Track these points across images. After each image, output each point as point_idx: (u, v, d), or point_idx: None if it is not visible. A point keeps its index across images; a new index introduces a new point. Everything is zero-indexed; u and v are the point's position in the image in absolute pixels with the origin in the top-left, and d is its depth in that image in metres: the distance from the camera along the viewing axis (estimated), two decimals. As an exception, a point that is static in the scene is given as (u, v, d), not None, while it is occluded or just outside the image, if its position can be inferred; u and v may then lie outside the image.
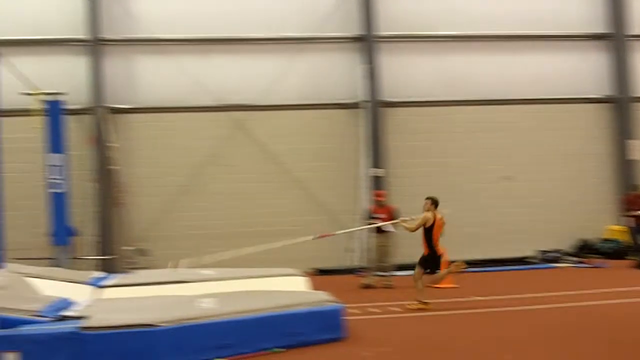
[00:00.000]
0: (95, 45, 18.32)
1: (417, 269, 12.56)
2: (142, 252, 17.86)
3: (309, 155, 18.91)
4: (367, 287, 15.31)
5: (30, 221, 16.45)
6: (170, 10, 18.87)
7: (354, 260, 18.20)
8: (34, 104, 14.92)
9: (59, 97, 15.84)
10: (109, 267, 16.69)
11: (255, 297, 10.30)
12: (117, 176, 18.26)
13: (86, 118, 18.28)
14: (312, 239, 12.99)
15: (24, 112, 15.00)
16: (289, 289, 11.68)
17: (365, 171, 19.00)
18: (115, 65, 18.70)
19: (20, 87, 14.07)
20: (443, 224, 12.61)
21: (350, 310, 10.54)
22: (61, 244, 15.86)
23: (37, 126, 15.03)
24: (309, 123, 19.11)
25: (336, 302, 10.09)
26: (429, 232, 12.47)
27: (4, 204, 9.32)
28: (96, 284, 12.53)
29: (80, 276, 13.13)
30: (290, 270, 13.43)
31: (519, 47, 20.11)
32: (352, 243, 18.45)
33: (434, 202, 12.68)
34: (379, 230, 15.58)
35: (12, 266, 11.23)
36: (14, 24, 17.43)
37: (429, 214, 12.51)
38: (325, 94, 19.23)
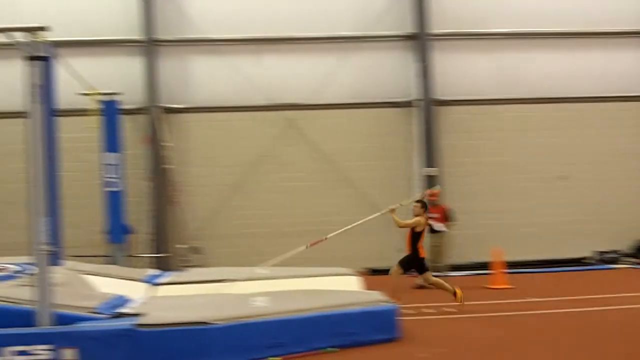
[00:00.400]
0: (149, 45, 18.49)
1: (397, 268, 12.55)
2: (195, 250, 18.01)
3: (361, 154, 18.82)
4: (421, 287, 15.16)
5: (87, 219, 16.65)
6: (223, 10, 18.94)
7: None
8: (90, 104, 15.11)
9: (115, 97, 16.01)
10: (163, 264, 16.84)
11: (309, 296, 10.29)
12: (172, 175, 18.44)
13: (141, 118, 18.48)
14: (306, 248, 12.72)
15: (81, 112, 15.21)
16: (342, 288, 11.65)
17: (418, 170, 18.85)
18: (169, 65, 18.86)
19: (77, 88, 14.24)
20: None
21: (403, 311, 10.46)
22: (117, 242, 16.05)
23: (93, 126, 15.23)
24: (361, 122, 19.03)
25: (390, 302, 10.03)
26: (418, 235, 12.32)
27: (62, 203, 9.44)
28: (151, 281, 12.67)
29: (136, 274, 13.29)
30: (343, 270, 13.41)
31: (574, 44, 19.72)
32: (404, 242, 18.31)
33: (424, 206, 12.51)
34: (433, 230, 15.44)
35: (69, 263, 11.40)
36: (70, 25, 17.64)
37: (422, 220, 12.33)
38: (377, 92, 19.12)
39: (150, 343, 8.41)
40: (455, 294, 12.21)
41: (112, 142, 15.90)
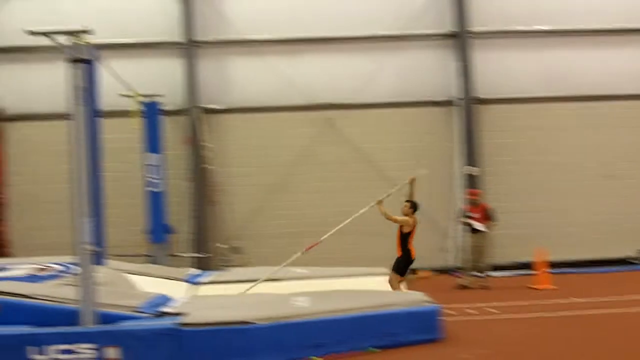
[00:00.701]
0: (189, 47, 18.61)
1: (393, 275, 12.05)
2: (235, 250, 18.09)
3: (400, 154, 18.69)
4: (463, 287, 15.07)
5: (129, 219, 16.82)
6: (261, 11, 18.98)
7: (449, 260, 17.94)
8: (132, 105, 15.27)
9: (156, 99, 16.17)
10: (204, 264, 16.95)
11: (351, 296, 10.27)
12: (212, 175, 18.55)
13: (181, 119, 18.61)
14: (301, 254, 12.58)
15: (123, 114, 15.37)
16: (383, 288, 11.60)
17: (459, 170, 18.70)
18: (208, 66, 18.96)
19: (118, 89, 14.40)
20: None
21: (446, 311, 10.37)
22: (158, 242, 16.21)
23: (135, 127, 15.39)
24: (401, 121, 18.92)
25: (432, 303, 9.96)
26: (406, 236, 12.04)
27: (105, 203, 9.54)
28: (192, 281, 12.76)
29: (177, 273, 13.40)
30: (385, 270, 13.35)
31: (619, 41, 19.37)
32: (446, 242, 18.22)
33: (413, 206, 12.22)
34: (474, 229, 15.31)
35: (112, 263, 11.53)
36: (112, 28, 17.80)
37: (410, 220, 12.03)
38: (417, 92, 18.99)
39: (192, 342, 8.45)
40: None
41: (153, 143, 16.06)
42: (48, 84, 18.43)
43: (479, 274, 15.23)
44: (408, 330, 9.37)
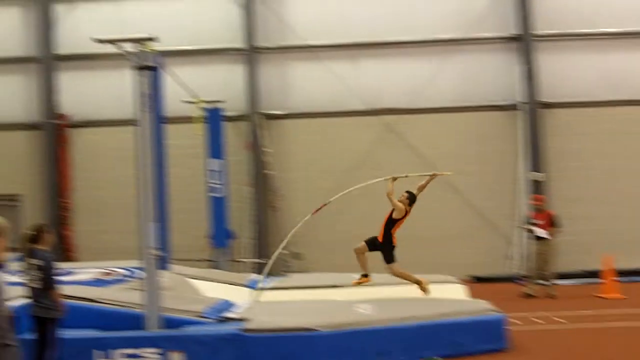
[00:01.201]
0: (250, 53, 18.72)
1: (362, 245, 12.01)
2: (296, 256, 18.09)
3: (463, 159, 18.44)
4: (528, 296, 14.75)
5: (191, 224, 16.95)
6: (322, 17, 18.99)
7: (513, 268, 17.62)
8: (195, 111, 15.40)
9: (218, 105, 16.29)
10: (264, 269, 16.97)
11: (415, 304, 10.15)
12: (272, 181, 18.60)
13: (243, 124, 18.72)
14: (310, 216, 13.06)
15: (186, 120, 15.51)
16: (447, 296, 11.44)
17: (523, 175, 18.36)
18: (269, 72, 19.06)
19: (182, 96, 14.53)
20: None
21: (511, 320, 10.16)
22: (220, 247, 16.30)
23: (198, 133, 15.51)
24: (463, 126, 18.69)
25: (498, 312, 9.77)
26: (392, 222, 11.77)
27: (169, 208, 9.62)
28: (254, 286, 12.77)
29: (239, 278, 13.45)
30: (448, 277, 13.21)
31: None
32: (510, 250, 17.92)
33: (411, 198, 11.88)
34: (538, 237, 15.01)
35: (175, 267, 11.63)
36: (175, 35, 18.00)
37: (402, 206, 11.71)
38: (480, 96, 18.75)
39: (256, 348, 8.45)
40: (420, 284, 11.61)
41: (215, 149, 16.18)
42: (112, 91, 18.79)
43: (544, 282, 14.88)
44: (473, 339, 9.21)
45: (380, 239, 11.86)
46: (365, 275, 11.76)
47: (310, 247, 18.27)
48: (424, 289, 11.47)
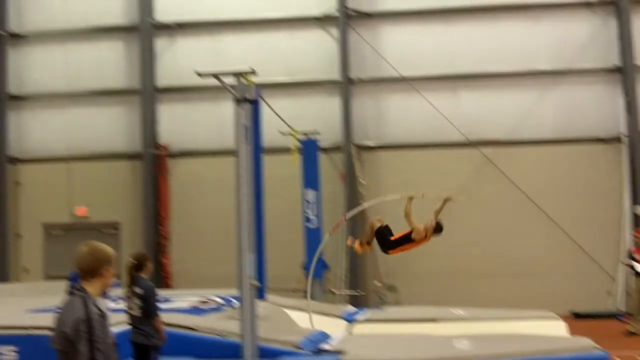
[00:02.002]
0: (345, 85, 18.79)
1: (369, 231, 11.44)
2: (390, 288, 17.91)
3: (563, 192, 17.97)
4: (631, 334, 14.16)
5: (286, 254, 17.02)
6: (417, 48, 18.92)
7: (615, 305, 16.97)
8: (291, 142, 15.53)
9: (314, 136, 16.39)
10: (359, 301, 16.89)
11: (514, 341, 9.85)
12: (367, 212, 18.51)
13: (337, 155, 18.78)
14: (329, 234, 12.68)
15: (282, 150, 15.66)
16: (545, 332, 11.08)
17: (628, 209, 17.70)
18: (365, 103, 19.10)
19: (278, 127, 14.67)
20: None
21: (615, 359, 9.73)
22: (315, 277, 16.27)
23: (293, 164, 15.62)
24: (564, 159, 18.18)
25: (601, 350, 9.37)
26: (407, 240, 11.25)
27: (265, 238, 9.69)
28: (349, 318, 12.69)
29: (334, 310, 13.39)
30: (546, 313, 12.80)
31: None
32: (612, 285, 17.28)
33: (438, 228, 11.27)
34: (638, 273, 14.41)
35: (270, 297, 11.66)
36: (272, 67, 18.32)
37: (423, 233, 11.13)
38: (581, 128, 18.24)
39: (351, 382, 8.35)
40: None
41: (311, 180, 16.24)
42: (210, 122, 19.23)
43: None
44: (576, 378, 8.86)
45: (391, 240, 11.41)
46: None
47: (403, 280, 18.08)
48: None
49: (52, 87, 20.04)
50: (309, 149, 16.23)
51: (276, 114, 12.49)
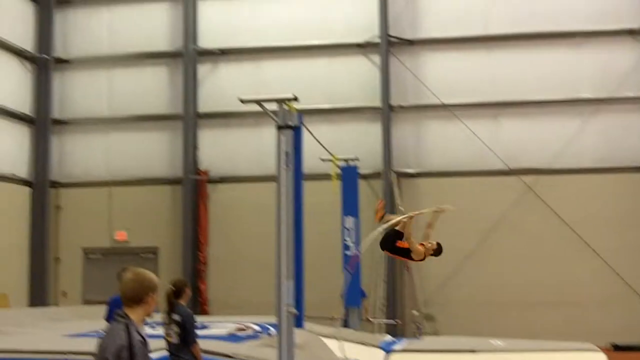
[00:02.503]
0: (386, 111, 18.74)
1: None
2: (428, 318, 17.71)
3: (606, 222, 17.68)
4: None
5: (324, 281, 16.88)
6: (458, 76, 18.85)
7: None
8: (331, 169, 15.50)
9: (354, 163, 16.35)
10: (396, 331, 16.71)
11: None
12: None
13: (376, 182, 18.70)
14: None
15: (322, 177, 15.64)
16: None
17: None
18: (404, 130, 19.04)
19: (319, 153, 14.67)
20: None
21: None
22: (353, 305, 16.16)
23: (334, 190, 15.57)
24: (606, 188, 17.93)
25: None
26: (406, 254, 10.89)
27: (304, 264, 9.62)
28: (386, 348, 12.57)
29: (371, 339, 13.27)
30: (587, 345, 12.56)
31: None
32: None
33: (438, 250, 10.94)
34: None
35: (307, 325, 11.59)
36: (313, 93, 18.35)
37: (422, 254, 10.82)
38: (623, 157, 17.98)
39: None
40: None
41: (350, 206, 16.17)
42: (250, 147, 19.29)
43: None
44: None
45: (394, 244, 11.07)
46: None
47: (441, 309, 17.89)
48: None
49: (95, 111, 20.31)
50: (349, 175, 16.19)
51: (317, 140, 12.48)
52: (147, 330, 5.65)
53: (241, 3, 19.96)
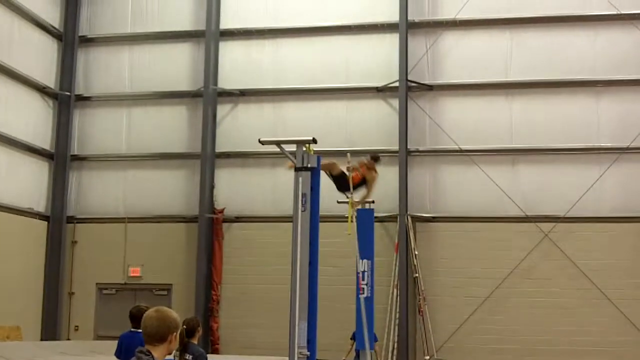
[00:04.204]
0: (403, 155, 18.72)
1: None
2: (444, 363, 17.55)
3: (625, 272, 17.51)
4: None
5: (335, 323, 16.80)
6: (476, 121, 18.88)
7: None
8: (348, 211, 15.47)
9: (370, 205, 16.30)
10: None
11: None
12: (419, 284, 18.26)
13: (392, 225, 18.63)
14: None
15: (337, 219, 15.61)
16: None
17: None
18: (422, 174, 19.02)
19: (335, 195, 14.66)
20: None
21: None
22: (363, 348, 15.98)
23: (348, 232, 15.52)
24: (625, 237, 17.77)
25: None
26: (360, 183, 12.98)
27: (317, 305, 9.54)
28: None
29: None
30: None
31: None
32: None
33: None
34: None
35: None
36: (331, 135, 18.42)
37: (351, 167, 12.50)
38: (641, 206, 17.87)
39: None
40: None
41: (365, 249, 16.06)
42: (265, 187, 19.32)
43: None
44: None
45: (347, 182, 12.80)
46: None
47: (455, 355, 17.69)
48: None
49: (114, 148, 20.49)
50: (365, 218, 16.13)
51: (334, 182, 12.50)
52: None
53: (262, 45, 20.17)
